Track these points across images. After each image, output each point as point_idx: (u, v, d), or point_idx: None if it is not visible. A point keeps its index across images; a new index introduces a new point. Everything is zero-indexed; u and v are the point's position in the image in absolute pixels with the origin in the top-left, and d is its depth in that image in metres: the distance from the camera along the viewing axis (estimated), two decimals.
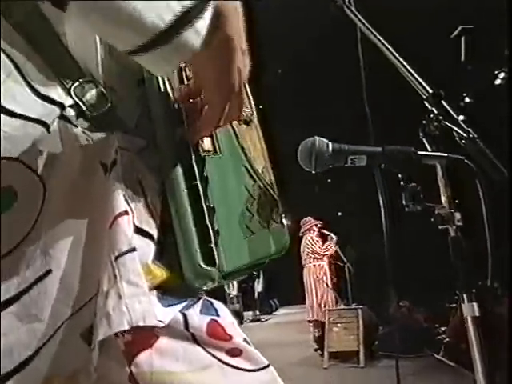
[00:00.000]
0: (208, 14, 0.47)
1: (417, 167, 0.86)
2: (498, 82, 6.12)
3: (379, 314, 5.64)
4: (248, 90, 0.73)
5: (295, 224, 6.38)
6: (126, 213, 0.50)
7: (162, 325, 0.50)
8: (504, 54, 5.55)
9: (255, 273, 11.92)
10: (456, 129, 0.95)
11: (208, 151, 0.61)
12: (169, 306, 0.52)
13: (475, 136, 0.95)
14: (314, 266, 6.07)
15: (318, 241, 6.20)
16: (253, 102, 0.74)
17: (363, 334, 4.91)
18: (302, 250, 6.26)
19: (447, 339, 4.73)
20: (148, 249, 0.52)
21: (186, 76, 0.60)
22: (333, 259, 6.38)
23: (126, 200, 0.51)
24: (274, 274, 12.27)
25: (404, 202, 0.86)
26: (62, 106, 0.52)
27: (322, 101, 6.73)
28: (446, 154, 0.89)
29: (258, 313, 11.88)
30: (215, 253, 0.54)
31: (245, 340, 0.59)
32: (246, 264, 0.61)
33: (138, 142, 0.56)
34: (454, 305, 5.10)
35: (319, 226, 6.34)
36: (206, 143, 0.61)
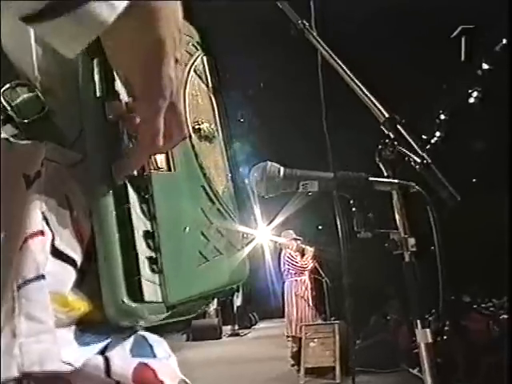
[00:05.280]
0: None
1: (368, 193, 0.86)
2: (471, 100, 6.28)
3: (357, 328, 5.64)
4: (214, 103, 0.70)
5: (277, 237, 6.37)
6: (42, 233, 0.44)
7: (70, 368, 0.42)
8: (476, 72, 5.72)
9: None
10: (410, 154, 0.96)
11: (161, 169, 0.56)
12: (86, 344, 0.45)
13: (429, 161, 0.96)
14: (296, 280, 6.03)
15: (297, 255, 6.18)
16: (218, 117, 0.70)
17: (339, 349, 4.90)
18: (282, 264, 6.24)
19: None
20: (67, 276, 0.46)
21: None
22: (312, 273, 6.37)
23: (45, 219, 0.45)
24: (254, 287, 12.18)
25: (355, 229, 0.86)
26: None
27: (287, 121, 6.88)
28: (397, 181, 0.89)
29: (236, 327, 11.75)
30: (144, 287, 0.47)
31: (181, 382, 0.52)
32: (196, 294, 0.55)
33: (71, 155, 0.50)
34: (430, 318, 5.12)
35: (298, 241, 6.34)
36: (160, 160, 0.56)
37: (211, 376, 5.61)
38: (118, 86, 0.52)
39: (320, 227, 11.37)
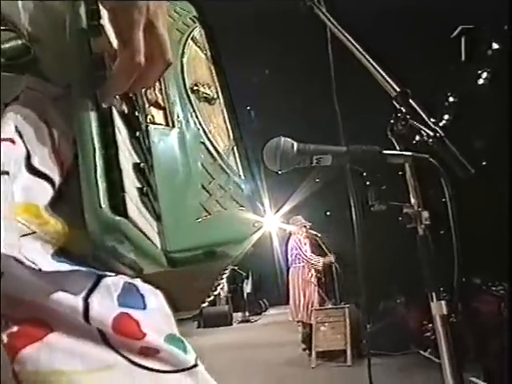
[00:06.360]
0: None
1: (382, 166, 0.86)
2: (480, 81, 6.18)
3: (368, 312, 5.66)
4: (213, 72, 0.71)
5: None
6: (12, 141, 0.45)
7: (35, 267, 0.41)
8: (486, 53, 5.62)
9: (244, 273, 11.91)
10: (423, 128, 0.95)
11: (159, 124, 0.58)
12: (61, 262, 0.44)
13: (442, 135, 0.95)
14: (303, 267, 6.03)
15: (305, 243, 6.15)
16: (217, 85, 0.70)
17: (350, 332, 4.93)
18: (289, 249, 6.22)
19: (434, 336, 4.75)
20: (42, 190, 0.46)
21: None
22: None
23: (18, 132, 0.46)
24: (263, 273, 12.26)
25: (369, 202, 0.86)
26: None
27: (298, 101, 6.84)
28: (410, 153, 0.89)
29: (247, 314, 11.86)
30: (129, 206, 0.45)
31: (169, 337, 0.48)
32: (196, 246, 0.53)
33: (54, 88, 0.51)
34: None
35: (308, 226, 6.31)
36: (158, 116, 0.58)
37: (223, 362, 5.68)
38: (105, 23, 0.54)
39: (328, 213, 11.37)
